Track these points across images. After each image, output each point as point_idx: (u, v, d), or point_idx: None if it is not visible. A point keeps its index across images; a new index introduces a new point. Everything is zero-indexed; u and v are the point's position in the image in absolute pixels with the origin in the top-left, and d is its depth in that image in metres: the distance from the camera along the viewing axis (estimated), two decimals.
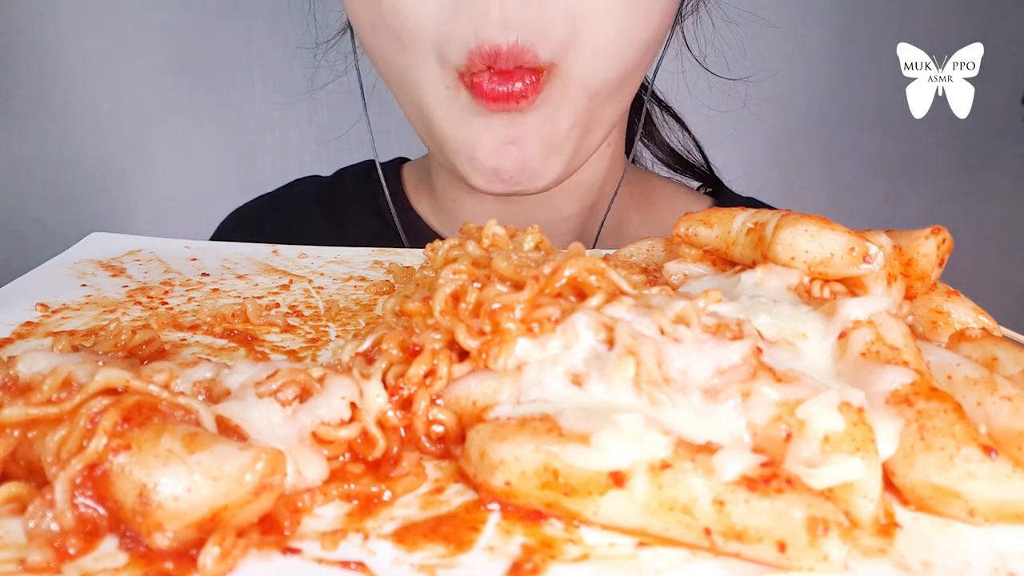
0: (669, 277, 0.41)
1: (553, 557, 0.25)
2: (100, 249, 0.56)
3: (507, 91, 0.52)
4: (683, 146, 0.81)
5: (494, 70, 0.52)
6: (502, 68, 0.51)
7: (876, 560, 0.25)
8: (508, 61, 0.51)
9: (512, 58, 0.51)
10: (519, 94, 0.52)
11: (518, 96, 0.52)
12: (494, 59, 0.51)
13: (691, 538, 0.25)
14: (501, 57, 0.51)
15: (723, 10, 0.73)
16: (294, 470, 0.27)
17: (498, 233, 0.40)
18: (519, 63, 0.51)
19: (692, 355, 0.29)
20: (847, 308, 0.32)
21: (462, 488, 0.29)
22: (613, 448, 0.26)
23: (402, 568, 0.24)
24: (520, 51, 0.51)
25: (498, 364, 0.30)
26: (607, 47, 0.54)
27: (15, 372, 0.29)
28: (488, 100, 0.53)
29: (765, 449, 0.27)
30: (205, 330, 0.43)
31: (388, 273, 0.53)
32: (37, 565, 0.24)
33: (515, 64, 0.51)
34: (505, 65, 0.51)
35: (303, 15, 0.74)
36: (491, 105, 0.53)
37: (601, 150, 0.66)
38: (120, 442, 0.25)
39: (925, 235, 0.36)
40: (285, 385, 0.29)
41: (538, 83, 0.53)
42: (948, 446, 0.27)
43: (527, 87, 0.52)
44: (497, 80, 0.52)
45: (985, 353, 0.33)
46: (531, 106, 0.53)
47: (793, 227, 0.35)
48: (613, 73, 0.55)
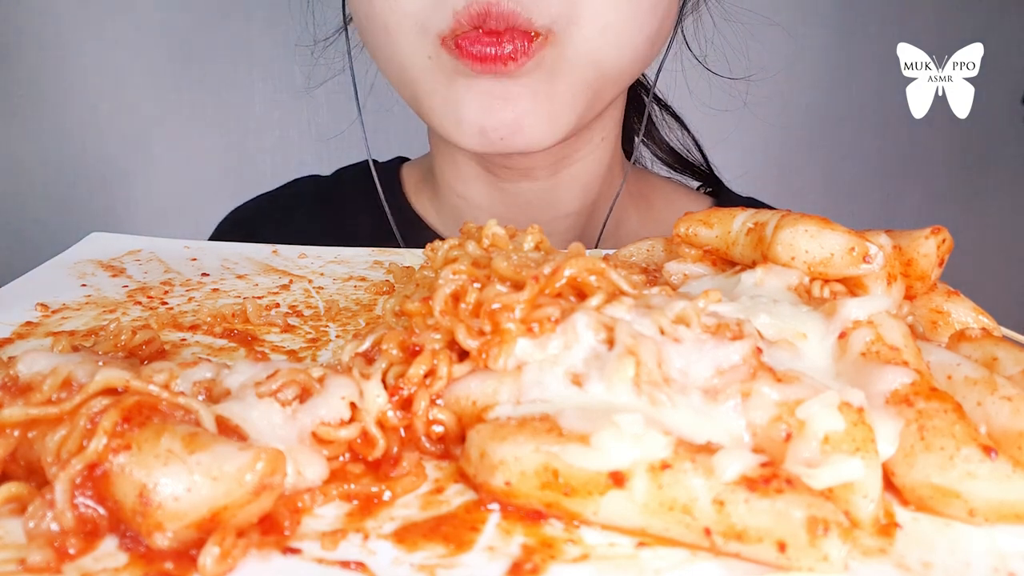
0: (669, 277, 0.41)
1: (553, 557, 0.25)
2: (100, 249, 0.55)
3: (494, 52, 0.51)
4: (683, 145, 0.81)
5: (483, 30, 0.51)
6: (492, 27, 0.50)
7: (876, 560, 0.25)
8: (499, 21, 0.50)
9: (503, 18, 0.50)
10: (507, 56, 0.51)
11: (506, 58, 0.51)
12: (483, 19, 0.50)
13: (691, 538, 0.25)
14: (491, 16, 0.50)
15: (723, 9, 0.73)
16: (294, 470, 0.27)
17: (498, 233, 0.40)
18: (511, 23, 0.50)
19: (692, 355, 0.29)
20: (847, 308, 0.32)
21: (462, 488, 0.29)
22: (613, 448, 0.26)
23: (402, 568, 0.24)
24: (512, 12, 0.50)
25: (498, 364, 0.30)
26: (617, 25, 0.53)
27: (15, 372, 0.29)
28: (472, 60, 0.51)
29: (765, 449, 0.27)
30: (205, 330, 0.43)
31: (388, 273, 0.53)
32: (37, 565, 0.24)
33: (506, 24, 0.50)
34: (495, 24, 0.50)
35: (302, 13, 0.74)
36: (475, 66, 0.52)
37: (597, 145, 0.66)
38: (120, 442, 0.25)
39: (925, 235, 0.36)
40: (285, 385, 0.29)
41: (529, 47, 0.51)
42: (948, 446, 0.27)
43: (516, 50, 0.51)
44: (485, 40, 0.51)
45: (985, 353, 0.33)
46: (520, 70, 0.52)
47: (793, 227, 0.35)
48: (625, 53, 0.55)
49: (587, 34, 0.53)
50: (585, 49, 0.53)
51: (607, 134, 0.67)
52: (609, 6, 0.53)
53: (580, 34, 0.53)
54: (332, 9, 0.73)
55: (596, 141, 0.66)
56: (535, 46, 0.52)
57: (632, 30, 0.54)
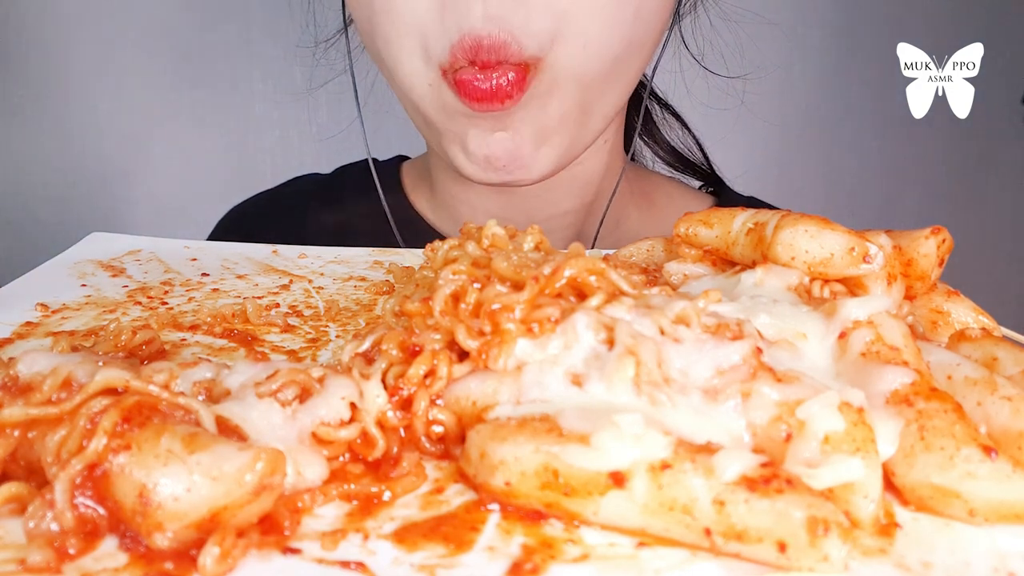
0: (669, 277, 0.41)
1: (553, 557, 0.25)
2: (100, 249, 0.55)
3: (490, 88, 0.52)
4: (683, 144, 0.81)
5: (477, 63, 0.51)
6: (485, 60, 0.51)
7: (876, 560, 0.25)
8: (490, 53, 0.51)
9: (494, 50, 0.51)
10: (504, 92, 0.52)
11: (503, 95, 0.52)
12: (476, 52, 0.51)
13: (691, 538, 0.25)
14: (483, 49, 0.51)
15: (721, 8, 0.73)
16: (294, 470, 0.27)
17: (498, 233, 0.40)
18: (502, 57, 0.51)
19: (692, 355, 0.29)
20: (847, 308, 0.32)
21: (462, 488, 0.29)
22: (613, 448, 0.26)
23: (402, 568, 0.24)
24: (503, 44, 0.51)
25: (498, 364, 0.30)
26: (597, 39, 0.53)
27: (15, 372, 0.29)
28: (472, 100, 0.52)
29: (765, 449, 0.27)
30: (205, 330, 0.43)
31: (388, 273, 0.53)
32: (37, 565, 0.24)
33: (497, 58, 0.51)
34: (487, 57, 0.51)
35: (303, 14, 0.74)
36: (475, 106, 0.53)
37: (598, 145, 0.66)
38: (120, 442, 0.25)
39: (925, 235, 0.36)
40: (285, 385, 0.29)
41: (523, 80, 0.52)
42: (948, 446, 0.27)
43: (512, 84, 0.52)
44: (480, 76, 0.51)
45: (985, 353, 0.33)
46: (516, 105, 0.53)
47: (793, 227, 0.35)
48: (601, 65, 0.55)
49: (571, 51, 0.53)
50: (570, 65, 0.54)
51: (608, 136, 0.67)
52: (589, 20, 0.53)
53: (565, 51, 0.53)
54: (332, 10, 0.73)
55: (597, 143, 0.66)
56: (529, 78, 0.53)
57: (610, 41, 0.54)
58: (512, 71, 0.52)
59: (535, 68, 0.53)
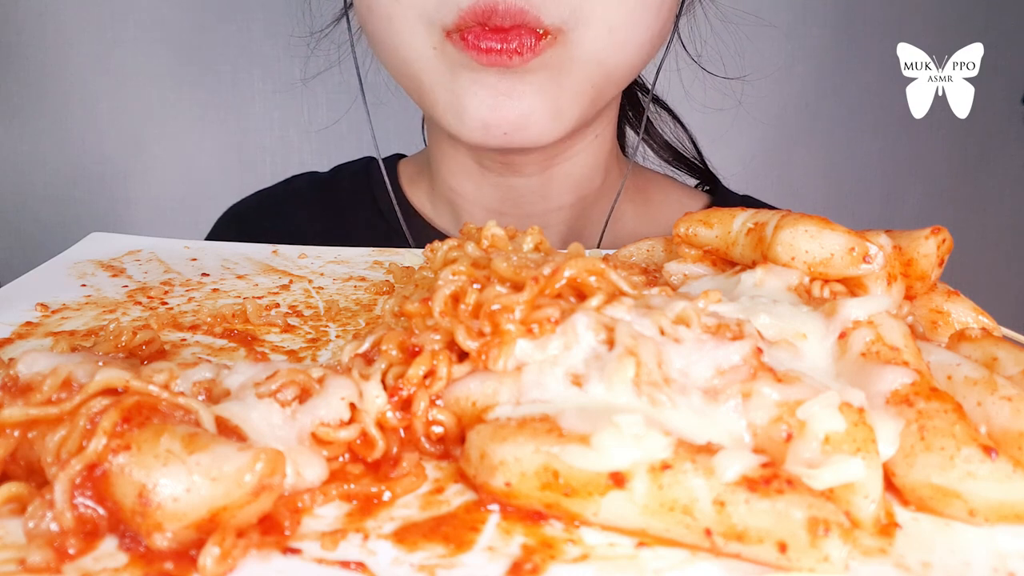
0: (669, 277, 0.41)
1: (553, 557, 0.25)
2: (100, 249, 0.55)
3: (500, 47, 0.50)
4: (676, 138, 0.81)
5: (489, 26, 0.50)
6: (498, 24, 0.50)
7: (876, 560, 0.25)
8: (505, 18, 0.50)
9: (510, 15, 0.50)
10: (513, 50, 0.50)
11: (511, 52, 0.51)
12: (489, 15, 0.50)
13: (692, 539, 0.25)
14: (497, 13, 0.50)
15: (718, 9, 0.73)
16: (294, 471, 0.27)
17: (497, 234, 0.40)
18: (518, 21, 0.50)
19: (692, 355, 0.29)
20: (847, 308, 0.32)
21: (462, 488, 0.29)
22: (613, 449, 0.26)
23: (402, 568, 0.24)
24: (520, 10, 0.50)
25: (498, 365, 0.30)
26: (623, 26, 0.53)
27: (15, 372, 0.29)
28: (478, 52, 0.51)
29: (766, 450, 0.27)
30: (205, 330, 0.43)
31: (388, 273, 0.53)
32: (37, 565, 0.24)
33: (512, 22, 0.50)
34: (501, 21, 0.50)
35: (299, 3, 0.74)
36: (480, 58, 0.51)
37: (592, 143, 0.66)
38: (120, 442, 0.25)
39: (925, 235, 0.36)
40: (285, 386, 0.29)
41: (536, 44, 0.51)
42: (948, 446, 0.27)
43: (523, 46, 0.51)
44: (492, 37, 0.50)
45: (985, 353, 0.33)
46: (525, 67, 0.52)
47: (793, 227, 0.35)
48: (629, 53, 0.55)
49: (595, 34, 0.53)
50: (592, 49, 0.53)
51: (601, 131, 0.67)
52: (616, 6, 0.53)
53: (588, 35, 0.53)
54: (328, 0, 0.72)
55: (590, 139, 0.66)
56: (543, 44, 0.52)
57: (638, 30, 0.54)
58: (527, 36, 0.51)
59: (553, 39, 0.52)
